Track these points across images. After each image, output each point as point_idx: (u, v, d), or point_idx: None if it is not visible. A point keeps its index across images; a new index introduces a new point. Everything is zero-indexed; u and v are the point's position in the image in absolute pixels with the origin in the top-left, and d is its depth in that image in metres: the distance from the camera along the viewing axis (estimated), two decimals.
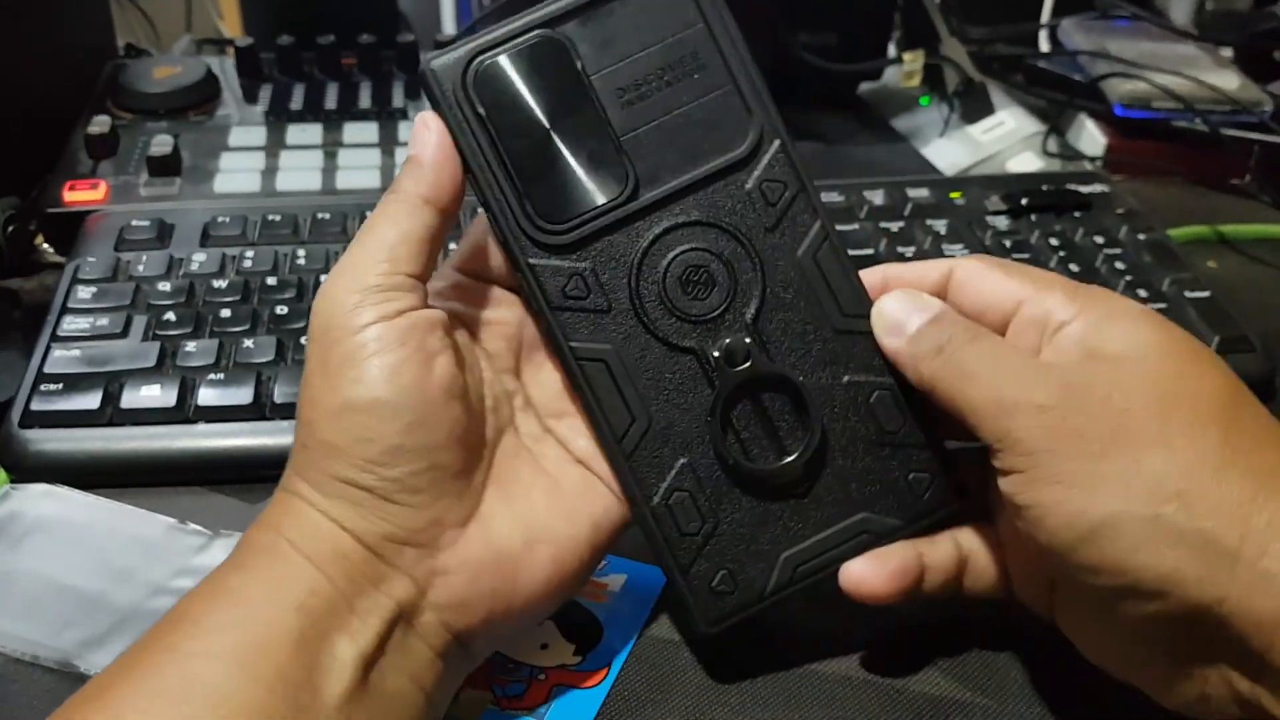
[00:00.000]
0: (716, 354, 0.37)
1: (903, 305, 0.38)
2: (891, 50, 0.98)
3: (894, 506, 0.39)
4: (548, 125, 0.37)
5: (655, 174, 0.37)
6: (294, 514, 0.35)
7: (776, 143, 0.38)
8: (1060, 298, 0.36)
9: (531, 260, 0.37)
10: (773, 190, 0.38)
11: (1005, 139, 0.84)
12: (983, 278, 0.38)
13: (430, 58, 0.36)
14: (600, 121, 0.37)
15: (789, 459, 0.38)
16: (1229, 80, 0.85)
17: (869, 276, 0.40)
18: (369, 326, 0.34)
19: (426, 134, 0.37)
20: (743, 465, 0.38)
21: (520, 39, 0.37)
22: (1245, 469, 0.31)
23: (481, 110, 0.36)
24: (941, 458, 0.39)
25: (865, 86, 0.99)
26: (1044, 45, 1.01)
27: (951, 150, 0.86)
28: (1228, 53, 0.96)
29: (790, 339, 0.38)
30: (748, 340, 0.37)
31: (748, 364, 0.37)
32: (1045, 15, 1.04)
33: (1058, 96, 0.89)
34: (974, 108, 0.88)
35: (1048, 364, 0.35)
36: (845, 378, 0.38)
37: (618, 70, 0.37)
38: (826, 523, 0.39)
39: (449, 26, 2.00)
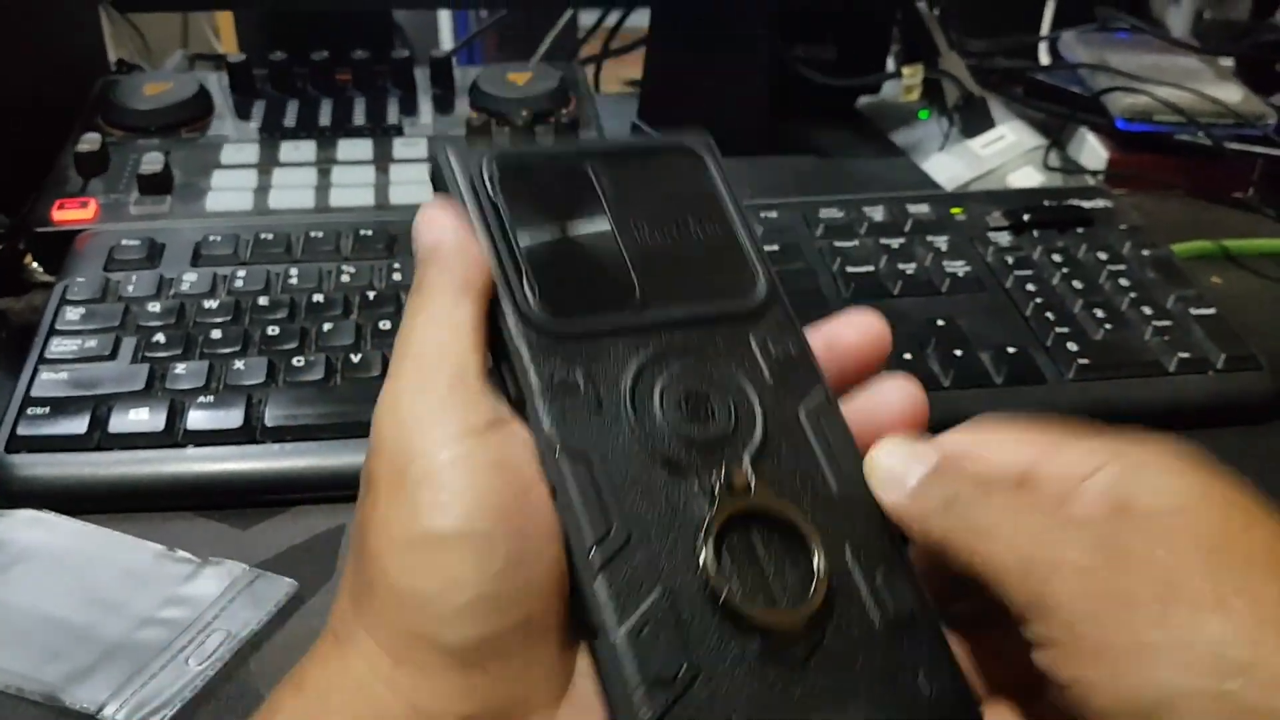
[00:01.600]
0: (716, 476, 0.33)
1: (898, 455, 0.33)
2: (890, 64, 0.98)
3: (898, 706, 0.33)
4: (563, 223, 0.36)
5: (662, 298, 0.36)
6: (349, 685, 0.29)
7: (780, 305, 0.37)
8: (1080, 450, 0.32)
9: (523, 339, 0.33)
10: (778, 347, 0.36)
11: (1006, 153, 0.84)
12: (982, 443, 0.34)
13: (444, 144, 0.37)
14: (612, 235, 0.36)
15: (794, 608, 0.32)
16: (1231, 93, 0.84)
17: None
18: (457, 440, 0.29)
19: (441, 218, 0.34)
20: (738, 605, 0.32)
21: (544, 153, 0.38)
22: None
23: (497, 197, 0.35)
24: (951, 655, 0.34)
25: (864, 100, 0.99)
26: (1044, 58, 1.00)
27: (951, 165, 0.85)
28: (1228, 63, 0.96)
29: (791, 489, 0.34)
30: (750, 474, 0.33)
31: (749, 493, 0.33)
32: (1045, 28, 1.04)
33: (1059, 110, 0.88)
34: (974, 122, 0.88)
35: (1079, 519, 0.31)
36: (848, 546, 0.34)
37: (632, 204, 0.37)
38: (820, 702, 0.33)
39: (446, 41, 2.00)
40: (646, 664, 0.30)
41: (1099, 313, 0.59)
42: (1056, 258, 0.63)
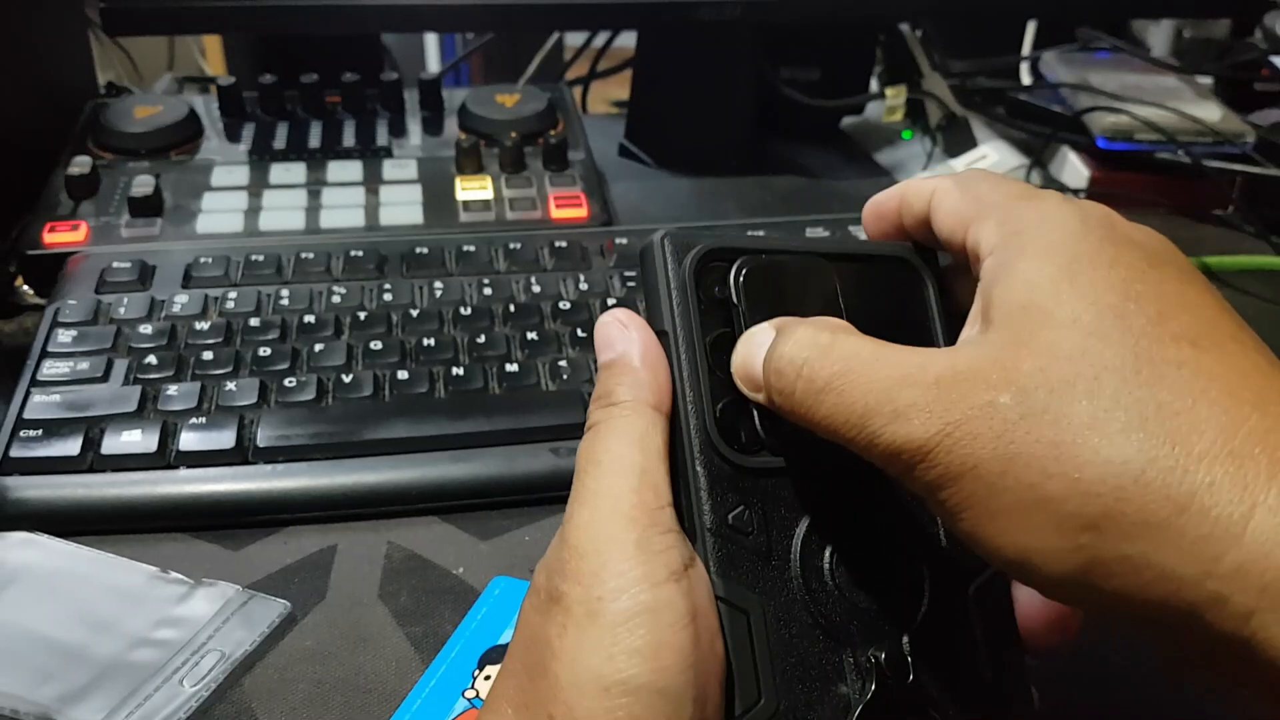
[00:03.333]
0: (874, 654, 0.31)
1: (744, 347, 0.32)
2: (874, 85, 0.99)
3: None
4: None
5: None
6: None
7: None
8: (989, 227, 0.30)
9: (704, 467, 0.31)
10: None
11: None
12: (945, 201, 0.33)
13: (666, 230, 0.33)
14: None
15: None
16: (1211, 112, 0.85)
17: (887, 198, 0.35)
18: (659, 586, 0.28)
19: (628, 333, 0.33)
20: None
21: (786, 253, 0.34)
22: (1175, 464, 0.25)
23: (705, 301, 0.33)
24: None
25: (848, 121, 1.00)
26: (1026, 78, 1.01)
27: None
28: (1207, 82, 0.97)
29: (939, 675, 0.32)
30: (909, 657, 0.32)
31: (908, 680, 0.32)
32: (1026, 48, 1.05)
33: (1040, 129, 0.89)
34: (956, 141, 0.89)
35: (920, 374, 0.28)
36: None
37: (862, 321, 0.33)
38: None
39: (433, 64, 2.01)
40: None
41: None
42: None
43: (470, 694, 0.41)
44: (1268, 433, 0.25)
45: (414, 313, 0.59)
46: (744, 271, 0.33)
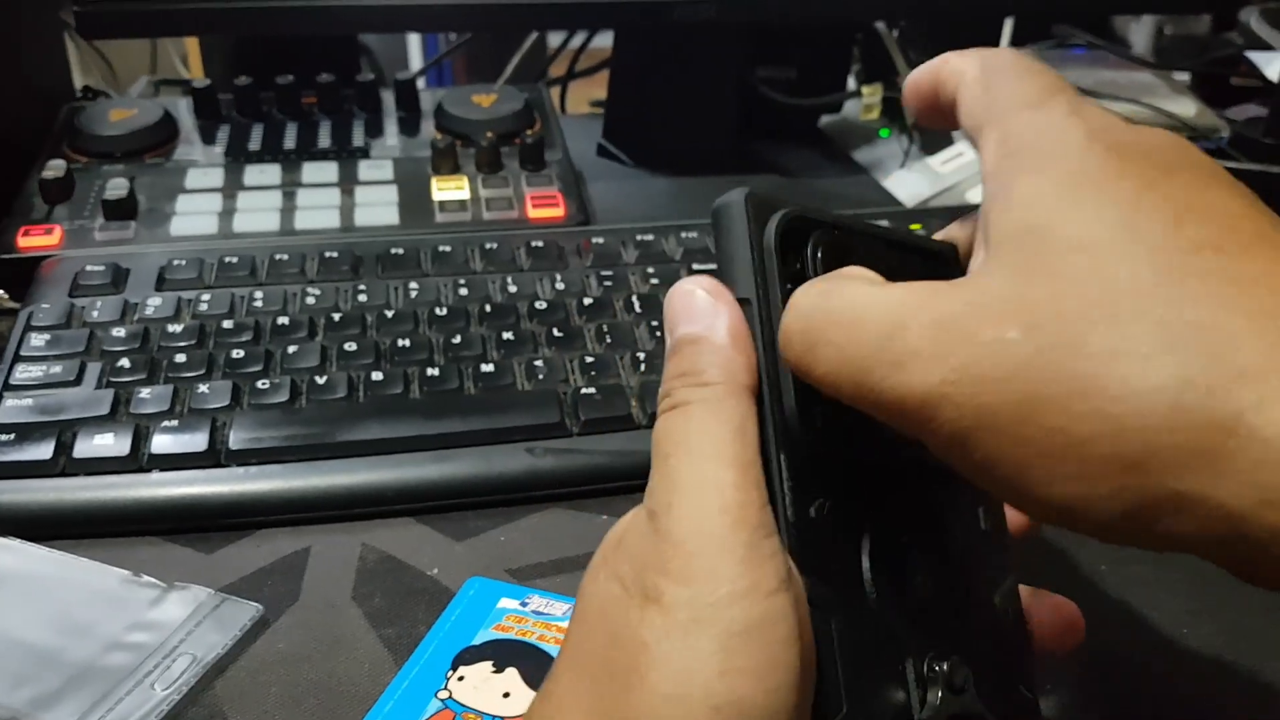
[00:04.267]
0: (936, 663, 0.30)
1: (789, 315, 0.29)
2: (851, 83, 0.99)
3: None
4: None
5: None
6: None
7: None
8: (993, 143, 0.29)
9: (787, 456, 0.29)
10: (989, 519, 0.34)
11: (965, 169, 0.85)
12: (965, 98, 0.31)
13: (748, 190, 0.31)
14: None
15: None
16: (1186, 107, 0.86)
17: (922, 74, 0.33)
18: (770, 596, 0.25)
19: (717, 305, 0.30)
20: None
21: (855, 232, 0.32)
22: (1215, 384, 0.22)
23: (815, 274, 0.30)
24: None
25: (825, 119, 1.00)
26: None
27: (912, 181, 0.86)
28: (1184, 78, 0.97)
29: (989, 685, 0.31)
30: (967, 671, 0.30)
31: (963, 695, 0.30)
32: (1003, 46, 1.05)
33: None
34: (933, 139, 0.89)
35: (908, 327, 0.26)
36: None
37: None
38: None
39: (415, 63, 2.01)
40: None
41: None
42: None
43: (443, 695, 0.41)
44: None
45: (389, 313, 0.59)
46: (822, 244, 0.31)
